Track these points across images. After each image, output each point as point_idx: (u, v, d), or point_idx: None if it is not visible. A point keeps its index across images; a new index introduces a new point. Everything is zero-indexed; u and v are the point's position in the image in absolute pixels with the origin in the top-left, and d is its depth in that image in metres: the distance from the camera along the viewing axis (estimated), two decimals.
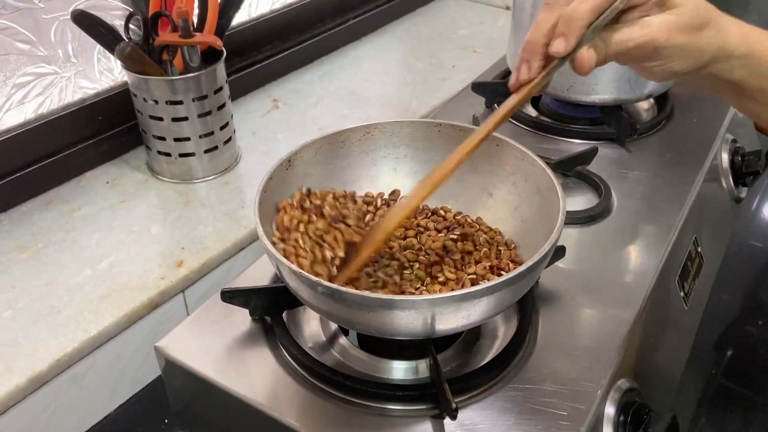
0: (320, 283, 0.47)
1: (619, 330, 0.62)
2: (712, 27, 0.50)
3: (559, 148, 0.89)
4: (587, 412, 0.54)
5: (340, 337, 0.62)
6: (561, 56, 0.48)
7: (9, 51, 0.81)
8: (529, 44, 0.49)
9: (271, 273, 0.68)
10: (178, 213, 0.84)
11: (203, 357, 0.59)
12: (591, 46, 0.48)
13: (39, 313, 0.70)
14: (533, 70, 0.49)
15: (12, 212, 0.83)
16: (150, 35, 0.83)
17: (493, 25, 1.37)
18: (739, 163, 0.93)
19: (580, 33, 0.47)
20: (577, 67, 0.49)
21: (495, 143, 0.64)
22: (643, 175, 0.84)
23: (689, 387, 0.84)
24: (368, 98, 1.09)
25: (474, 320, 0.50)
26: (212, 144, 0.88)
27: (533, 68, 0.49)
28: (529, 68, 0.50)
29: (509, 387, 0.56)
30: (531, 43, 0.49)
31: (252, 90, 1.10)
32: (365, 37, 1.30)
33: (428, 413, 0.54)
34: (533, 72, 0.50)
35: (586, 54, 0.48)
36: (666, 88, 0.92)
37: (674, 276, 0.74)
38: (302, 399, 0.56)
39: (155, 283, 0.74)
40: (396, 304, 0.46)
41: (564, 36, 0.47)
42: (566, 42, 0.47)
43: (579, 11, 0.46)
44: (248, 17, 1.10)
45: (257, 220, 0.53)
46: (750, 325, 0.93)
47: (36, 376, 0.64)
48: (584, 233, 0.74)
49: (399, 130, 0.67)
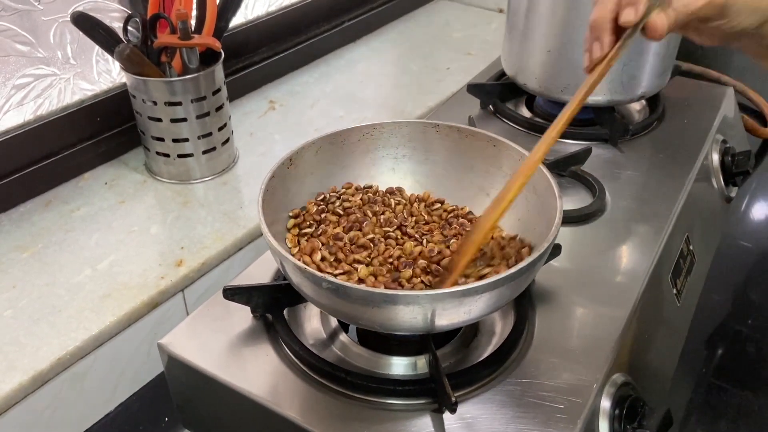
0: (325, 278, 0.48)
1: (613, 326, 0.63)
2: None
3: (552, 149, 0.88)
4: (583, 405, 0.55)
5: (341, 334, 0.63)
6: (633, 24, 0.48)
7: (8, 52, 0.82)
8: (597, 22, 0.49)
9: (272, 271, 0.68)
10: (177, 213, 0.84)
11: (205, 354, 0.60)
12: (661, 10, 0.48)
13: (40, 312, 0.70)
14: (605, 45, 0.50)
15: (11, 213, 0.84)
16: (149, 37, 0.84)
17: (487, 27, 1.38)
18: (729, 163, 0.95)
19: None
20: (650, 32, 0.49)
21: (492, 144, 0.66)
22: (635, 175, 0.85)
23: (681, 384, 0.86)
24: (364, 100, 1.10)
25: (475, 315, 0.51)
26: (210, 145, 0.89)
27: (605, 44, 0.50)
28: (602, 45, 0.50)
29: (507, 381, 0.57)
30: (598, 20, 0.49)
31: (249, 91, 1.11)
32: (360, 40, 1.31)
33: (428, 407, 0.55)
34: (606, 47, 0.50)
35: (657, 18, 0.48)
36: (658, 89, 0.94)
37: (667, 273, 0.75)
38: (304, 394, 0.56)
39: (155, 283, 0.74)
40: (399, 300, 0.47)
41: (632, 4, 0.47)
42: (636, 9, 0.47)
43: None
44: (245, 19, 1.11)
45: (261, 217, 0.54)
46: (740, 324, 0.94)
47: (38, 374, 0.64)
48: (579, 232, 0.76)
49: (398, 131, 0.68)
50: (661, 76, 0.92)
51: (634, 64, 0.87)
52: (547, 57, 0.89)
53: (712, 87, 1.07)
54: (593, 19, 0.49)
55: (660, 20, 0.48)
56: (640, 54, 0.87)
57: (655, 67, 0.89)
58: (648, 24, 0.48)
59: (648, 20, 0.48)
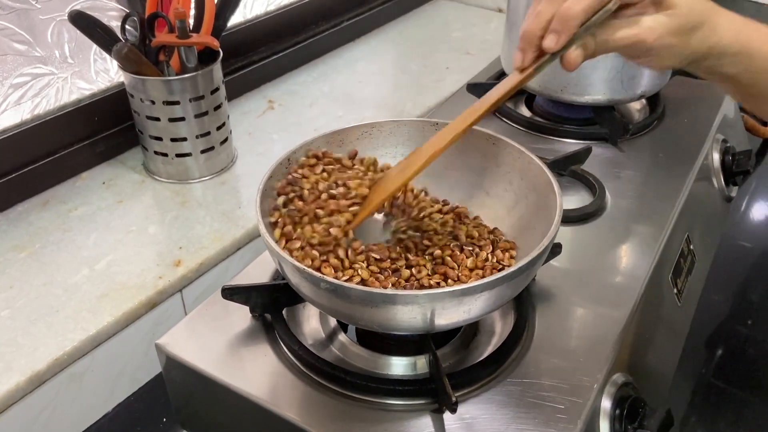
0: (323, 279, 0.48)
1: (613, 326, 0.63)
2: (705, 27, 0.51)
3: (552, 148, 0.90)
4: (584, 405, 0.55)
5: (340, 334, 0.63)
6: (552, 52, 0.49)
7: (6, 51, 0.81)
8: (526, 34, 0.50)
9: (270, 271, 0.68)
10: (175, 213, 0.84)
11: (204, 354, 0.60)
12: (580, 45, 0.49)
13: (38, 312, 0.70)
14: (527, 59, 0.51)
15: (9, 212, 0.83)
16: (147, 36, 0.83)
17: (486, 27, 1.38)
18: (729, 162, 0.94)
19: (572, 32, 0.48)
20: (564, 65, 0.50)
21: (491, 142, 0.65)
22: (635, 175, 0.85)
23: (681, 384, 0.85)
24: (363, 99, 1.10)
25: (474, 315, 0.50)
26: (209, 144, 0.89)
27: (527, 58, 0.51)
28: (523, 58, 0.51)
29: (507, 382, 0.57)
30: (528, 33, 0.50)
31: (247, 91, 1.11)
32: (359, 39, 1.31)
33: (428, 407, 0.55)
34: (527, 62, 0.51)
35: (573, 54, 0.50)
36: (658, 88, 0.94)
37: (667, 273, 0.75)
38: (303, 394, 0.56)
39: (153, 283, 0.74)
40: (398, 299, 0.47)
41: (557, 33, 0.48)
42: (558, 39, 0.49)
43: (573, 10, 0.48)
44: (243, 18, 1.11)
45: (259, 218, 0.54)
46: (740, 325, 0.94)
47: (35, 375, 0.64)
48: (579, 231, 0.75)
49: (397, 130, 0.68)
50: (661, 76, 0.92)
51: (634, 64, 0.87)
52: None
53: (712, 86, 1.06)
54: (524, 30, 0.50)
55: (575, 55, 0.50)
56: None
57: None
58: (564, 57, 0.50)
59: (565, 53, 0.49)
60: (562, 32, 0.48)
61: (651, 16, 0.50)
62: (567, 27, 0.48)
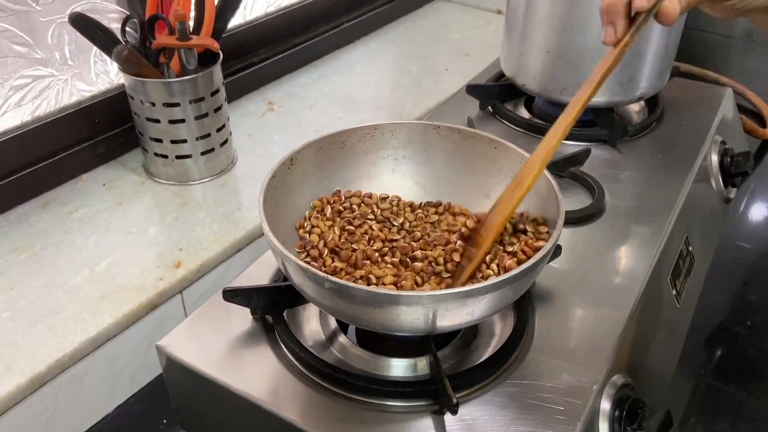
0: (328, 278, 0.48)
1: (613, 327, 0.63)
2: None
3: None
4: (583, 407, 0.55)
5: (340, 336, 0.63)
6: (646, 10, 0.48)
7: (6, 53, 0.81)
8: (611, 6, 0.49)
9: (271, 273, 0.68)
10: (176, 214, 0.84)
11: (204, 355, 0.60)
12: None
13: (38, 314, 0.70)
14: (619, 30, 0.50)
15: (9, 214, 0.83)
16: (147, 38, 0.84)
17: (485, 28, 1.38)
18: (728, 164, 0.95)
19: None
20: (663, 17, 0.49)
21: (493, 146, 0.66)
22: (634, 176, 0.85)
23: (680, 385, 0.86)
24: (363, 101, 1.10)
25: (477, 317, 0.51)
26: (209, 146, 0.89)
27: (619, 29, 0.50)
28: (616, 30, 0.50)
29: (507, 383, 0.57)
30: (612, 4, 0.49)
31: (247, 92, 1.11)
32: (359, 41, 1.31)
33: (428, 409, 0.55)
34: (620, 32, 0.50)
35: (669, 4, 0.48)
36: (657, 90, 0.94)
37: (666, 274, 0.75)
38: (303, 396, 0.56)
39: (153, 284, 0.74)
40: (402, 300, 0.47)
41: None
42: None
43: None
44: (243, 20, 1.11)
45: (262, 217, 0.54)
46: (739, 326, 0.94)
47: (36, 376, 0.64)
48: (578, 233, 0.76)
49: (398, 132, 0.68)
50: (660, 77, 0.92)
51: (632, 66, 0.87)
52: (546, 58, 0.89)
53: (710, 88, 1.07)
54: (607, 3, 0.49)
55: (672, 6, 0.48)
56: (639, 55, 0.87)
57: (654, 68, 0.89)
58: (661, 9, 0.48)
59: (660, 5, 0.48)
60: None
61: None
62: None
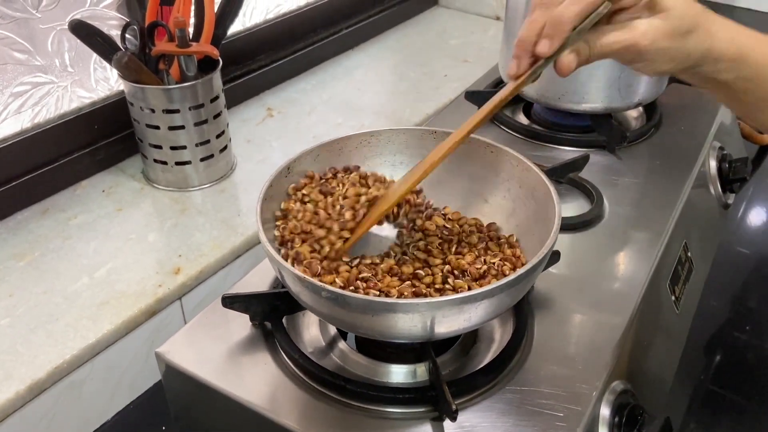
0: (324, 287, 0.48)
1: (612, 333, 0.63)
2: (699, 31, 0.51)
3: (550, 156, 0.90)
4: (583, 413, 0.55)
5: (339, 342, 0.63)
6: (545, 56, 0.50)
7: (6, 60, 0.82)
8: (521, 42, 0.51)
9: (270, 279, 0.68)
10: (175, 221, 0.84)
11: (203, 362, 0.60)
12: (573, 50, 0.50)
13: (37, 320, 0.70)
14: (522, 66, 0.51)
15: (8, 221, 0.83)
16: (146, 45, 0.84)
17: (484, 35, 1.38)
18: (726, 169, 0.95)
19: (564, 36, 0.49)
20: (558, 69, 0.50)
21: (490, 150, 0.66)
22: (633, 182, 0.85)
23: (680, 391, 0.86)
24: (362, 107, 1.10)
25: (474, 323, 0.51)
26: (208, 152, 0.89)
27: (522, 65, 0.51)
28: (519, 65, 0.51)
29: (507, 389, 0.57)
30: (522, 41, 0.51)
31: (247, 99, 1.11)
32: (358, 47, 1.31)
33: (428, 416, 0.55)
34: (522, 69, 0.51)
35: (566, 58, 0.50)
36: (655, 96, 0.94)
37: (665, 280, 0.75)
38: (303, 403, 0.56)
39: (153, 291, 0.74)
40: (399, 308, 0.47)
41: (549, 38, 0.49)
42: (551, 43, 0.49)
43: (565, 15, 0.48)
44: (243, 27, 1.11)
45: (259, 226, 0.54)
46: (738, 331, 0.94)
47: (35, 383, 0.64)
48: (577, 239, 0.76)
49: (395, 138, 0.68)
50: (658, 84, 0.93)
51: (630, 72, 0.88)
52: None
53: (708, 94, 1.07)
54: (519, 37, 0.51)
55: (569, 60, 0.50)
56: None
57: None
58: (557, 61, 0.50)
59: (558, 57, 0.50)
60: (555, 36, 0.49)
61: (645, 20, 0.50)
62: (559, 31, 0.48)
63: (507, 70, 0.53)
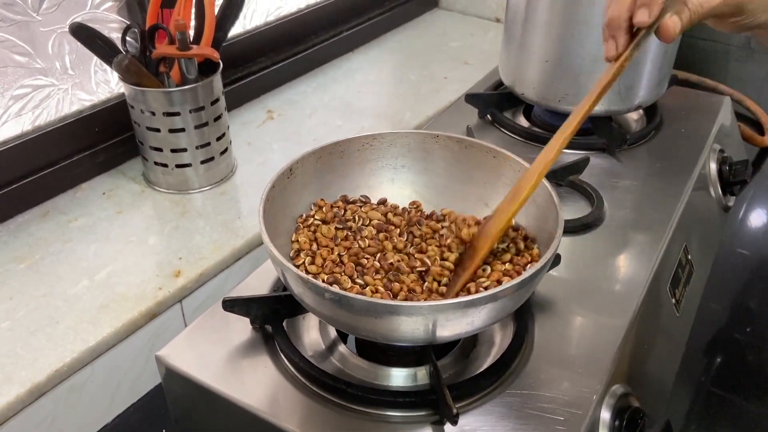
0: (328, 289, 0.48)
1: (612, 336, 0.63)
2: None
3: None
4: (584, 417, 0.55)
5: (340, 345, 0.63)
6: (646, 25, 0.49)
7: (6, 63, 0.82)
8: (613, 20, 0.50)
9: (270, 282, 0.68)
10: (175, 223, 0.84)
11: (204, 366, 0.60)
12: (675, 12, 0.49)
13: (37, 323, 0.70)
14: (620, 44, 0.50)
15: (9, 223, 0.83)
16: (147, 47, 0.84)
17: (484, 37, 1.38)
18: (726, 172, 0.95)
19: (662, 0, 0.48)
20: (663, 34, 0.49)
21: (492, 155, 0.66)
22: (633, 185, 0.85)
23: (680, 393, 0.86)
24: (362, 109, 1.10)
25: (477, 326, 0.51)
26: (209, 155, 0.89)
27: (620, 43, 0.50)
28: (617, 44, 0.50)
29: (507, 393, 0.57)
30: (614, 18, 0.49)
31: (247, 101, 1.11)
32: (358, 49, 1.31)
33: (428, 419, 0.55)
34: (621, 47, 0.50)
35: (670, 20, 0.48)
36: (655, 99, 0.94)
37: (665, 283, 0.75)
38: (303, 406, 0.56)
39: (153, 293, 0.74)
40: (402, 310, 0.47)
41: (647, 5, 0.48)
42: (650, 11, 0.48)
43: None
44: (243, 29, 1.11)
45: (262, 227, 0.54)
46: (738, 333, 0.94)
47: (35, 386, 0.64)
48: (577, 242, 0.76)
49: (397, 141, 0.68)
50: (658, 86, 0.93)
51: (631, 74, 0.88)
52: (544, 66, 0.90)
53: (709, 96, 1.08)
54: (609, 17, 0.50)
55: (673, 23, 0.49)
56: (637, 64, 0.87)
57: (652, 76, 0.89)
58: (661, 26, 0.49)
59: (661, 22, 0.49)
60: (653, 3, 0.47)
61: None
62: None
63: (604, 53, 0.51)
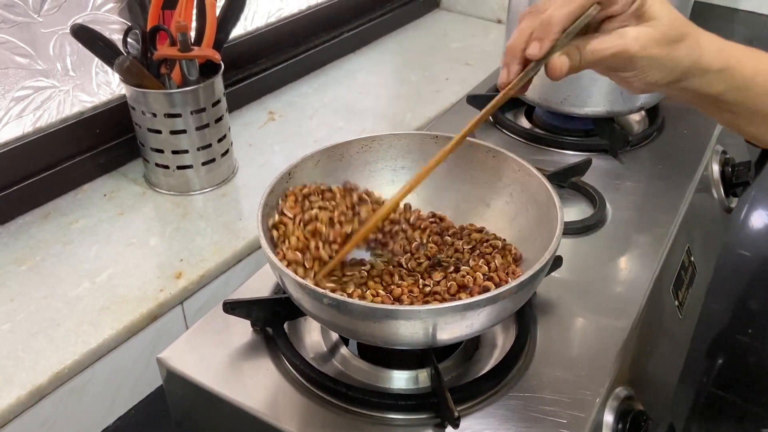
0: (326, 294, 0.48)
1: (615, 338, 0.63)
2: (688, 41, 0.51)
3: (552, 160, 0.90)
4: (586, 419, 0.55)
5: (341, 348, 0.63)
6: (535, 59, 0.50)
7: (8, 65, 0.82)
8: (510, 49, 0.51)
9: (271, 284, 0.68)
10: (176, 225, 0.84)
11: (205, 368, 0.60)
12: (564, 52, 0.50)
13: (38, 325, 0.70)
14: (512, 73, 0.51)
15: (10, 225, 0.83)
16: (148, 49, 0.84)
17: (485, 38, 1.38)
18: (729, 173, 0.95)
19: (554, 38, 0.49)
20: (549, 72, 0.50)
21: (492, 155, 0.66)
22: (636, 186, 0.85)
23: (683, 394, 0.85)
24: (363, 110, 1.10)
25: (476, 329, 0.50)
26: (210, 156, 0.89)
27: (512, 72, 0.51)
28: (508, 72, 0.51)
29: (509, 395, 0.57)
30: (511, 48, 0.51)
31: (248, 102, 1.11)
32: (359, 50, 1.31)
33: (430, 422, 0.55)
34: (511, 75, 0.51)
35: (557, 60, 0.50)
36: (657, 100, 0.94)
37: (668, 285, 0.75)
38: (304, 408, 0.56)
39: (154, 295, 0.74)
40: (400, 314, 0.47)
41: (539, 40, 0.49)
42: (540, 46, 0.49)
43: (555, 16, 0.48)
44: (244, 30, 1.11)
45: (261, 233, 0.54)
46: (740, 334, 0.94)
47: (36, 389, 0.64)
48: (579, 243, 0.76)
49: (396, 143, 0.68)
50: None
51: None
52: None
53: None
54: (508, 45, 0.51)
55: (561, 62, 0.49)
56: None
57: None
58: (549, 63, 0.50)
59: (549, 60, 0.50)
60: (545, 38, 0.49)
61: (634, 28, 0.50)
62: (549, 33, 0.48)
63: (498, 80, 0.53)
